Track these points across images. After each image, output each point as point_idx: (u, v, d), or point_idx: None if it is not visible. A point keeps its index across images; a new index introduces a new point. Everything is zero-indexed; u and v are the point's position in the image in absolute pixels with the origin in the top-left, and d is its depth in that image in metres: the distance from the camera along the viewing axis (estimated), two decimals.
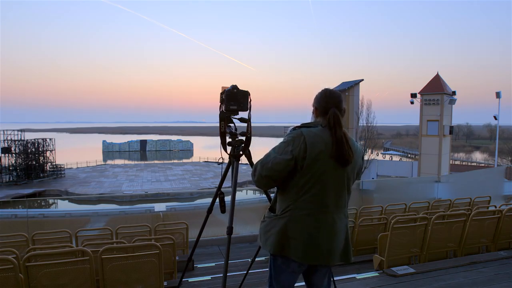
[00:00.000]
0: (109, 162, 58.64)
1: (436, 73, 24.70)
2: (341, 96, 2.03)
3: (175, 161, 60.44)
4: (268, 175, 1.93)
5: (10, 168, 38.42)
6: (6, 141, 39.42)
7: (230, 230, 2.57)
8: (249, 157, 2.92)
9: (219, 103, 2.79)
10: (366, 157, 30.54)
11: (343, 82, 31.41)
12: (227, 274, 2.31)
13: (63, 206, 22.29)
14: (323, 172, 1.89)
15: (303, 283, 2.18)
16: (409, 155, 67.01)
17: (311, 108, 2.09)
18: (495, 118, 23.48)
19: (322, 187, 1.90)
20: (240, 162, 2.87)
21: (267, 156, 1.96)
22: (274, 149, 1.97)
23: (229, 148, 2.86)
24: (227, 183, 2.96)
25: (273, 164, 1.90)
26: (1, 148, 38.63)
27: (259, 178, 1.97)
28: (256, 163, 2.01)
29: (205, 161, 55.77)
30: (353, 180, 2.03)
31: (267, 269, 2.12)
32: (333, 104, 1.98)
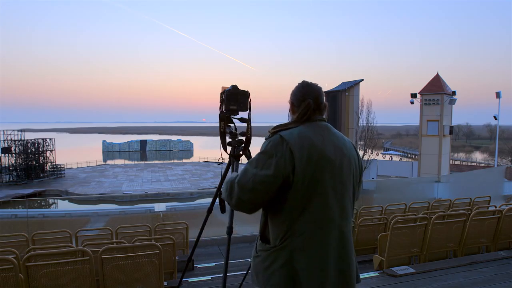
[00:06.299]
0: (109, 162, 58.61)
1: (436, 73, 24.72)
2: (320, 89, 1.75)
3: (175, 161, 60.41)
4: (250, 198, 1.54)
5: (10, 168, 38.40)
6: (6, 141, 39.39)
7: (230, 230, 2.57)
8: (249, 157, 2.92)
9: (219, 103, 2.79)
10: (366, 157, 30.59)
11: (343, 82, 31.42)
12: (227, 274, 2.31)
13: (63, 206, 22.31)
14: (320, 181, 1.54)
15: None
16: (409, 155, 67.01)
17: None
18: (495, 118, 23.49)
19: (322, 200, 1.55)
20: (240, 162, 2.87)
21: (244, 173, 1.56)
22: (251, 163, 1.58)
23: (229, 148, 2.86)
24: None
25: (255, 183, 1.51)
26: (1, 148, 38.62)
27: (239, 203, 1.57)
28: (231, 182, 1.59)
29: (205, 161, 55.77)
30: (357, 184, 1.72)
31: None
32: (310, 96, 1.71)
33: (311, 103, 1.68)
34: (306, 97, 1.70)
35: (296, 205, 1.53)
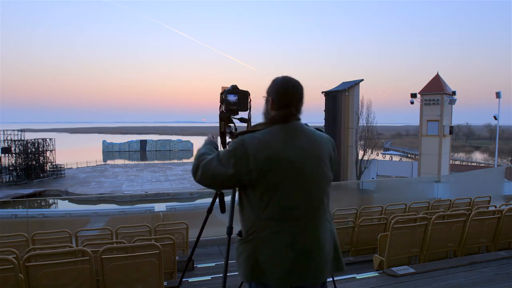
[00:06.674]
0: (109, 162, 58.61)
1: (436, 73, 24.74)
2: (303, 91, 1.75)
3: (175, 161, 60.42)
4: (208, 182, 1.75)
5: (10, 168, 38.40)
6: (6, 141, 39.39)
7: (230, 230, 2.57)
8: None
9: (219, 103, 2.79)
10: (366, 157, 30.56)
11: (343, 82, 31.42)
12: (227, 274, 2.31)
13: (63, 206, 22.33)
14: (278, 181, 1.62)
15: None
16: (409, 155, 67.00)
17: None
18: (495, 118, 23.49)
19: (284, 198, 1.63)
20: None
21: (210, 161, 1.72)
22: (218, 155, 1.72)
23: None
24: None
25: (214, 175, 1.69)
26: (1, 148, 38.61)
27: (199, 182, 1.78)
28: (198, 163, 1.77)
29: None
30: (328, 176, 1.74)
31: None
32: (295, 103, 1.71)
33: (293, 111, 1.70)
34: (290, 103, 1.70)
35: (257, 203, 1.64)
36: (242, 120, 2.86)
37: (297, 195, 1.65)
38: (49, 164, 41.57)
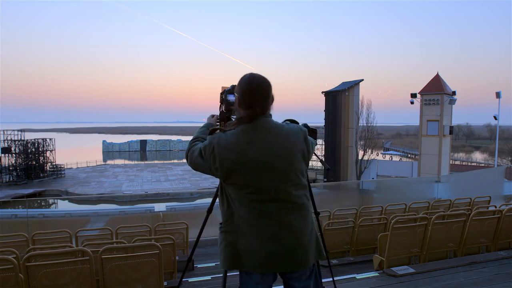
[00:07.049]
0: (109, 162, 58.59)
1: (436, 73, 24.75)
2: (269, 88, 1.74)
3: (175, 161, 60.39)
4: (196, 170, 1.87)
5: (10, 168, 38.38)
6: (6, 141, 39.37)
7: None
8: None
9: (219, 103, 2.79)
10: (366, 157, 30.57)
11: (343, 82, 31.43)
12: (227, 274, 2.31)
13: (63, 206, 22.33)
14: (248, 179, 1.67)
15: None
16: (409, 155, 66.99)
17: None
18: (495, 118, 23.49)
19: (254, 194, 1.68)
20: None
21: (194, 150, 1.84)
22: (201, 145, 1.80)
23: None
24: None
25: (196, 164, 1.82)
26: (1, 148, 38.59)
27: (190, 166, 1.90)
28: (188, 149, 1.91)
29: None
30: (299, 169, 1.76)
31: None
32: (259, 103, 1.70)
33: (258, 112, 1.70)
34: (253, 104, 1.70)
35: (231, 196, 1.73)
36: None
37: (266, 191, 1.69)
38: (49, 164, 41.54)
